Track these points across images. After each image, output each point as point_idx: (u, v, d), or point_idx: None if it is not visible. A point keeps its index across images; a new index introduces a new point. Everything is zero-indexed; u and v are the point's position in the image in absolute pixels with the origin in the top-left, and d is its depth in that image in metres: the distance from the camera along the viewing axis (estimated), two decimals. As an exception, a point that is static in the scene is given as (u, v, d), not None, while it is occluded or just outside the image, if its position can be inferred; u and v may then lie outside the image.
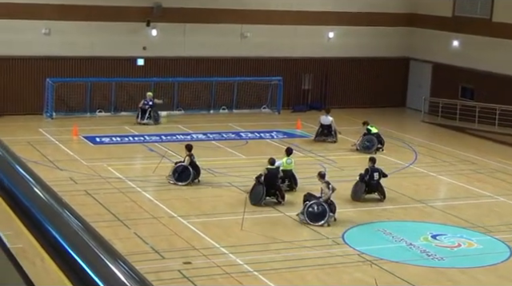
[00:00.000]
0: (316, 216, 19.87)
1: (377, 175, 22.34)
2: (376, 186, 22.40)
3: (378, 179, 22.40)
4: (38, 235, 1.77)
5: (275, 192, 21.68)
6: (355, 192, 22.33)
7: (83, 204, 19.87)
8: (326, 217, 19.82)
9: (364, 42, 37.67)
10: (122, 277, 1.54)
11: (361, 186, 22.29)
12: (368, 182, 22.27)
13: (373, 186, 22.35)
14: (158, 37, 34.39)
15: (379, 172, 22.48)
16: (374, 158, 23.24)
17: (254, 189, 21.68)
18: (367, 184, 22.28)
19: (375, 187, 22.38)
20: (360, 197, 22.22)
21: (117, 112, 33.45)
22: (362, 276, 16.58)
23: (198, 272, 16.30)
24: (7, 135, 26.32)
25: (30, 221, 1.84)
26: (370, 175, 22.28)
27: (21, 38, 32.15)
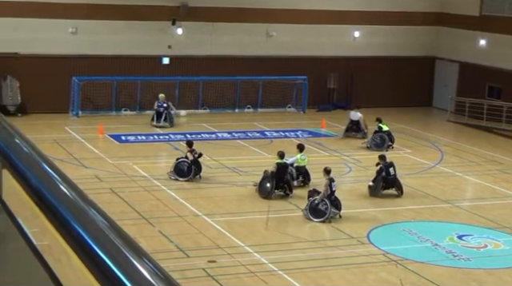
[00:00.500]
0: (319, 211, 19.96)
1: (392, 170, 22.48)
2: (393, 181, 22.55)
3: (394, 174, 22.51)
4: (64, 232, 1.77)
5: (283, 185, 21.94)
6: (373, 188, 22.44)
7: (108, 202, 19.97)
8: (327, 214, 19.85)
9: (390, 41, 37.51)
10: (147, 275, 1.53)
11: (378, 182, 22.42)
12: (385, 177, 22.41)
13: (390, 181, 22.49)
14: (184, 36, 34.49)
15: (393, 166, 22.60)
16: (384, 155, 23.42)
17: (263, 183, 21.92)
18: (384, 180, 22.41)
19: (392, 182, 22.53)
20: (378, 193, 22.34)
21: (142, 110, 33.58)
22: (387, 276, 16.51)
23: (222, 270, 16.31)
24: (34, 133, 26.52)
25: (55, 219, 1.84)
26: (385, 171, 22.40)
27: (48, 37, 32.39)
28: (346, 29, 36.88)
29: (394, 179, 22.53)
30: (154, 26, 33.84)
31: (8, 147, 2.49)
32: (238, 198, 21.92)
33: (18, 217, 2.51)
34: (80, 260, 1.67)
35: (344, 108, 36.61)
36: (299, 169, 22.98)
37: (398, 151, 28.60)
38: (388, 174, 22.43)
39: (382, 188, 22.45)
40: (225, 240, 18.15)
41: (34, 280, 2.34)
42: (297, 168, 22.89)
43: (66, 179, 2.03)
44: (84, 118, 32.27)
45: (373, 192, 22.38)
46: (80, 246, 1.68)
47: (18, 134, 2.54)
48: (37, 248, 2.19)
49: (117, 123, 31.61)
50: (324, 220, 19.83)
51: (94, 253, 1.62)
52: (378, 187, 22.41)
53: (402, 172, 25.13)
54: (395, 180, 22.58)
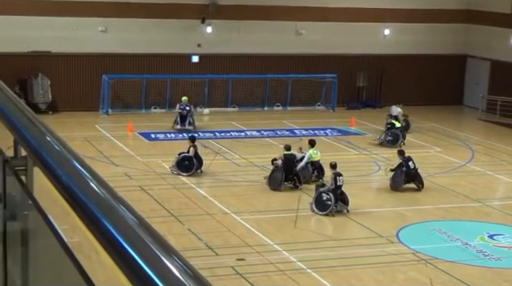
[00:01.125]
0: (323, 205, 20.16)
1: (412, 164, 22.72)
2: (414, 175, 22.76)
3: (414, 168, 22.69)
4: (94, 229, 1.78)
5: (293, 176, 22.35)
6: (395, 182, 22.67)
7: (138, 200, 20.08)
8: (330, 207, 20.02)
9: (420, 39, 37.27)
10: (176, 272, 1.53)
11: (400, 176, 22.63)
12: (406, 172, 22.63)
13: (411, 175, 22.71)
14: (213, 35, 34.55)
15: (412, 160, 22.83)
16: (402, 150, 23.71)
17: (272, 175, 22.35)
18: (406, 174, 22.62)
19: (413, 176, 22.75)
20: (399, 187, 22.57)
21: (172, 108, 33.67)
22: (417, 276, 16.42)
23: (251, 268, 16.33)
24: (64, 131, 26.73)
25: (86, 216, 1.85)
26: (406, 166, 22.65)
27: (78, 36, 32.64)
28: (375, 26, 36.70)
29: (415, 173, 22.75)
30: (183, 24, 33.95)
31: (39, 145, 2.51)
32: (267, 196, 21.92)
33: (48, 214, 2.53)
34: (110, 258, 1.67)
35: (373, 106, 36.47)
36: (313, 164, 23.19)
37: (428, 149, 28.44)
38: (408, 168, 22.66)
39: (404, 182, 22.65)
40: (253, 238, 18.17)
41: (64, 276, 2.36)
42: (311, 164, 23.11)
43: (97, 176, 2.04)
44: (114, 116, 32.46)
45: (394, 186, 22.64)
46: (110, 243, 1.69)
47: (49, 132, 2.56)
48: (67, 245, 2.21)
49: (146, 121, 31.76)
50: (327, 214, 20.03)
51: (123, 250, 1.63)
52: (400, 181, 22.63)
53: (432, 171, 25.01)
54: (416, 174, 22.79)
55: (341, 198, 20.34)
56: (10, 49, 31.71)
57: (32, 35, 31.95)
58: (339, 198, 20.29)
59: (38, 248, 2.85)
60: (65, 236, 2.39)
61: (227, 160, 25.50)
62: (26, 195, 2.80)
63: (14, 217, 2.99)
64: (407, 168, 22.67)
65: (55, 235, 2.32)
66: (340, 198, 20.32)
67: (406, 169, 22.63)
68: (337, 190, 20.31)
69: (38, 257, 2.86)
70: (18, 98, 3.27)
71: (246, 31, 34.79)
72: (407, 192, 22.73)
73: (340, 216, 20.20)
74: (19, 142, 2.85)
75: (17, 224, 3.00)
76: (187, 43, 34.11)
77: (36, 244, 2.89)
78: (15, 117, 2.90)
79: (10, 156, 3.04)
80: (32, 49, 32.22)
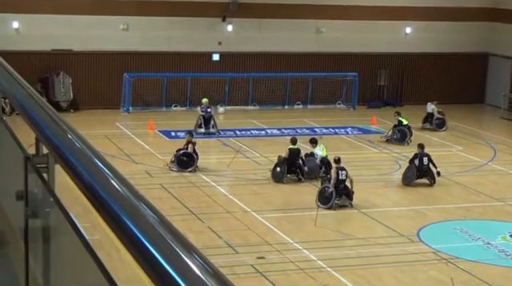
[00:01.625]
0: (326, 198, 20.46)
1: (426, 160, 22.89)
2: (426, 171, 22.90)
3: (428, 164, 22.88)
4: (115, 227, 1.78)
5: (296, 169, 22.90)
6: (406, 177, 22.90)
7: (158, 198, 20.13)
8: (331, 201, 20.25)
9: (442, 37, 37.05)
10: (196, 270, 1.54)
11: (412, 171, 22.83)
12: (419, 167, 22.77)
13: (423, 171, 22.85)
14: (234, 33, 34.56)
15: (428, 157, 22.99)
16: (423, 144, 23.77)
17: (276, 167, 22.93)
18: (418, 169, 22.76)
19: (425, 172, 22.90)
20: (411, 182, 22.74)
21: (192, 106, 33.74)
22: (438, 275, 16.34)
23: (271, 267, 16.33)
24: (85, 129, 26.85)
25: (106, 214, 1.86)
26: (419, 159, 22.84)
27: (99, 34, 32.77)
28: (397, 25, 36.55)
29: (426, 169, 22.89)
30: (204, 23, 33.98)
31: (60, 143, 2.52)
32: (287, 194, 21.90)
33: (70, 212, 2.54)
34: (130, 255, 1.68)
35: (394, 105, 36.32)
36: (321, 161, 23.31)
37: (449, 148, 28.29)
38: (422, 163, 22.82)
39: (416, 177, 22.81)
40: (273, 237, 18.16)
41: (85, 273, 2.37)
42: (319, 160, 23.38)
43: (118, 174, 2.05)
44: (134, 114, 32.56)
45: (406, 181, 22.89)
46: (130, 241, 1.69)
47: (70, 130, 2.57)
48: (88, 243, 2.22)
49: (167, 119, 31.82)
50: (329, 207, 20.26)
51: (144, 248, 1.63)
52: (412, 176, 22.83)
53: (453, 170, 24.88)
54: (428, 170, 22.93)
55: (344, 192, 20.60)
56: (32, 48, 31.90)
57: (54, 33, 32.11)
58: (343, 192, 20.54)
59: (59, 245, 2.87)
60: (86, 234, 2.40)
61: (247, 158, 25.50)
62: (48, 192, 2.82)
63: (36, 215, 3.00)
64: (420, 162, 22.82)
65: (76, 232, 2.33)
66: (343, 192, 20.58)
67: (418, 164, 22.80)
68: (339, 184, 20.50)
69: (59, 254, 2.87)
70: (39, 96, 3.29)
71: (267, 29, 34.76)
72: (428, 191, 22.62)
73: (361, 216, 20.14)
74: (41, 140, 2.87)
75: (38, 221, 3.02)
76: (208, 41, 34.13)
77: (57, 242, 2.90)
78: (37, 115, 2.92)
79: (31, 153, 3.06)
80: (54, 47, 32.39)
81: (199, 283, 1.50)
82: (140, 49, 33.39)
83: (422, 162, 22.86)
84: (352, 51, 35.94)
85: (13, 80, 3.71)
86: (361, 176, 23.79)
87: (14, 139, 3.58)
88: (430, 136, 29.56)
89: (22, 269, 3.24)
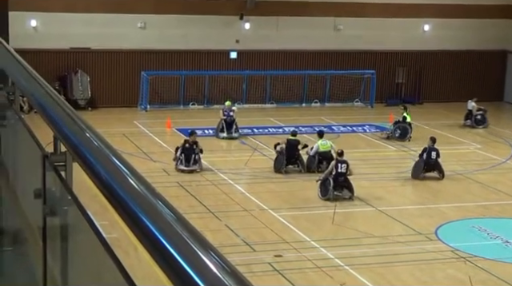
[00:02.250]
0: (326, 190, 20.80)
1: (434, 154, 23.15)
2: (434, 165, 23.14)
3: (436, 158, 23.12)
4: (132, 225, 1.78)
5: (295, 160, 23.53)
6: (414, 171, 23.17)
7: (176, 196, 20.17)
8: (328, 192, 20.60)
9: (460, 35, 36.89)
10: (214, 268, 1.53)
11: (419, 165, 23.14)
12: (426, 161, 23.05)
13: (430, 164, 23.11)
14: (251, 31, 34.57)
15: (437, 151, 23.23)
16: (435, 138, 23.99)
17: (276, 158, 23.54)
18: (425, 163, 23.05)
19: (433, 165, 23.14)
20: (419, 175, 22.97)
21: (210, 105, 33.81)
22: (456, 273, 16.27)
23: (288, 265, 16.32)
24: (103, 127, 26.95)
25: (124, 212, 1.86)
26: (427, 153, 23.13)
27: (117, 32, 32.89)
28: (415, 22, 36.42)
29: (434, 162, 23.12)
30: (221, 21, 34.02)
31: (78, 141, 2.53)
32: (304, 192, 21.88)
33: (87, 210, 2.55)
34: (148, 253, 1.68)
35: (412, 103, 36.19)
36: (323, 155, 23.34)
37: (467, 146, 28.17)
38: (429, 157, 23.09)
39: (424, 170, 23.07)
40: (291, 235, 18.15)
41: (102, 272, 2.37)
42: (320, 154, 23.40)
43: (135, 172, 2.05)
44: (152, 112, 32.65)
45: (414, 174, 23.08)
46: (148, 239, 1.69)
47: (88, 128, 2.58)
48: (106, 241, 2.22)
49: (184, 117, 31.89)
50: (328, 198, 20.60)
51: (161, 246, 1.63)
52: (420, 169, 23.06)
53: (471, 168, 24.77)
54: (436, 164, 23.14)
55: (345, 185, 20.85)
56: (50, 46, 32.07)
57: (72, 32, 32.26)
58: (343, 185, 20.82)
59: (77, 243, 2.88)
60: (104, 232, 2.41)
61: (265, 156, 25.49)
62: (66, 190, 2.83)
63: (54, 213, 3.01)
64: (428, 156, 23.09)
65: (94, 230, 2.34)
66: (344, 185, 20.84)
67: (426, 158, 23.07)
68: (338, 177, 20.73)
69: (77, 253, 2.88)
70: (57, 94, 3.30)
71: (284, 27, 34.74)
72: (446, 189, 22.54)
73: (379, 214, 20.08)
74: (59, 138, 2.88)
75: (56, 219, 3.03)
76: (225, 39, 34.17)
77: (75, 240, 2.91)
78: (55, 114, 2.93)
79: (49, 151, 3.07)
80: (72, 45, 32.54)
81: (217, 281, 1.50)
82: (157, 48, 33.47)
83: (429, 156, 23.14)
84: (370, 49, 35.85)
85: (31, 78, 3.72)
86: (378, 175, 23.75)
87: (32, 137, 3.59)
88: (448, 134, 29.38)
89: (39, 267, 3.26)
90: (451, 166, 24.96)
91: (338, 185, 20.79)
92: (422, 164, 23.11)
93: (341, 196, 20.78)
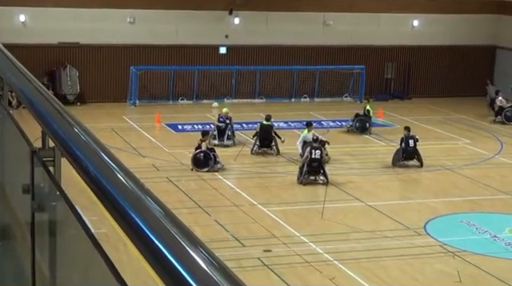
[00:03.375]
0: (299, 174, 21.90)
1: (412, 142, 23.96)
2: (412, 152, 23.92)
3: (414, 146, 23.90)
4: (121, 220, 1.78)
5: (268, 143, 24.99)
6: (394, 159, 23.88)
7: (165, 191, 20.15)
8: (301, 176, 21.66)
9: (449, 30, 36.97)
10: (202, 263, 1.54)
11: (398, 153, 23.89)
12: (405, 149, 23.87)
13: (409, 152, 23.89)
14: (241, 26, 34.54)
15: (414, 139, 24.06)
16: (409, 127, 24.81)
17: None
18: (404, 151, 23.84)
19: (412, 153, 23.92)
20: (397, 164, 23.74)
21: (199, 100, 33.78)
22: (444, 268, 16.33)
23: (277, 260, 16.34)
24: (92, 122, 26.89)
25: (112, 207, 1.86)
26: (405, 142, 23.93)
27: (106, 27, 32.79)
28: (404, 17, 36.47)
29: (412, 150, 23.89)
30: (210, 16, 33.97)
31: (67, 136, 2.53)
32: (294, 188, 21.90)
33: (76, 205, 2.54)
34: (136, 249, 1.68)
35: (401, 98, 36.29)
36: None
37: (456, 141, 28.24)
38: (408, 145, 23.86)
39: (403, 158, 23.86)
40: (280, 230, 18.17)
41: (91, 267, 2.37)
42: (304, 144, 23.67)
43: (123, 168, 2.05)
44: (141, 107, 32.60)
45: (393, 162, 23.87)
46: (136, 234, 1.69)
47: (76, 123, 2.57)
48: (94, 237, 2.22)
49: (174, 112, 31.85)
50: (300, 182, 21.71)
51: (149, 242, 1.63)
52: (398, 157, 23.83)
53: (460, 163, 24.86)
54: (414, 152, 23.92)
55: (319, 171, 21.73)
56: (39, 41, 31.95)
57: (60, 27, 32.15)
58: (317, 170, 21.69)
59: (65, 238, 2.87)
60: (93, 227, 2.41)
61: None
62: (54, 186, 2.82)
63: (42, 208, 3.01)
64: (406, 145, 23.84)
65: (82, 226, 2.33)
66: (318, 171, 21.72)
67: (404, 146, 23.82)
68: (312, 162, 21.55)
69: (65, 248, 2.88)
70: (46, 89, 3.29)
71: (274, 22, 34.72)
72: (435, 184, 22.61)
73: (368, 209, 20.13)
74: (47, 133, 2.87)
75: (45, 214, 3.02)
76: (215, 34, 34.12)
77: (63, 235, 2.91)
78: (43, 109, 2.92)
79: (38, 147, 3.06)
80: (60, 40, 32.43)
81: (205, 276, 1.50)
82: (147, 43, 33.40)
83: (407, 144, 23.88)
84: (359, 44, 35.88)
85: (19, 73, 3.71)
86: (368, 169, 23.81)
87: (20, 132, 3.58)
88: (437, 129, 29.44)
89: (28, 263, 3.25)
90: (440, 161, 25.05)
91: (312, 171, 21.60)
92: (401, 152, 23.86)
93: (314, 181, 21.63)
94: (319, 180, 21.80)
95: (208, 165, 22.90)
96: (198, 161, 23.05)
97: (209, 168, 22.87)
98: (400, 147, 24.13)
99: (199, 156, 23.09)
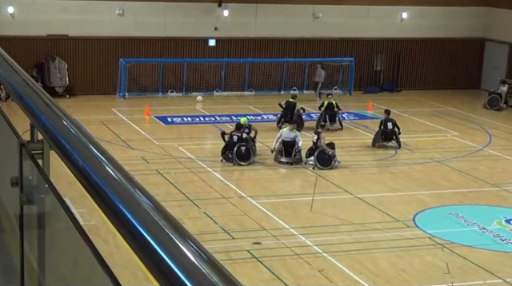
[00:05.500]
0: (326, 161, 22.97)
1: (390, 125, 25.42)
2: (390, 134, 25.31)
3: (392, 128, 25.34)
4: (110, 213, 1.78)
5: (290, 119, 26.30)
6: (373, 140, 25.46)
7: (154, 184, 20.14)
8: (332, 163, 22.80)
9: (438, 23, 37.02)
10: (191, 256, 1.54)
11: (377, 135, 25.40)
12: (383, 131, 25.31)
13: (388, 134, 25.27)
14: (230, 18, 34.48)
15: (392, 122, 25.44)
16: (389, 110, 26.49)
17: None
18: (383, 133, 25.33)
19: (390, 135, 25.31)
20: (376, 144, 25.29)
21: (188, 92, 33.74)
22: (433, 260, 16.40)
23: (267, 252, 16.37)
24: (81, 114, 26.84)
25: (101, 200, 1.86)
26: (384, 125, 25.40)
27: (95, 19, 32.67)
28: (393, 10, 36.49)
29: (391, 132, 25.29)
30: (200, 8, 33.89)
31: (55, 129, 2.52)
32: (283, 180, 21.93)
33: (65, 198, 2.54)
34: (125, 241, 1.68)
35: (391, 90, 36.34)
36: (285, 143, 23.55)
37: (445, 133, 28.33)
38: (386, 127, 25.33)
39: (382, 140, 25.35)
40: (270, 222, 18.20)
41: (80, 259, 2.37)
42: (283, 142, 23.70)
43: (112, 160, 2.04)
44: (130, 100, 32.53)
45: (372, 142, 25.44)
46: (125, 227, 1.69)
47: (65, 116, 2.57)
48: (83, 229, 2.22)
49: (163, 104, 31.81)
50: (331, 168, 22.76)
51: (138, 234, 1.63)
52: (377, 138, 25.36)
53: (449, 156, 24.94)
54: (392, 134, 25.31)
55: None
56: (28, 33, 31.81)
57: (49, 18, 32.01)
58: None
59: (54, 231, 2.87)
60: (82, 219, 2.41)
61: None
62: (43, 179, 2.82)
63: (31, 201, 3.00)
64: (385, 127, 25.31)
65: (71, 218, 2.33)
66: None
67: (383, 128, 25.26)
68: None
69: (54, 240, 2.88)
70: (35, 82, 3.28)
71: (263, 15, 34.68)
72: (423, 177, 22.68)
73: (358, 201, 20.18)
74: (36, 126, 2.86)
75: (33, 207, 3.02)
76: (204, 27, 34.06)
77: (52, 228, 2.90)
78: (32, 101, 2.91)
79: (26, 140, 3.05)
80: (49, 32, 32.29)
81: (194, 269, 1.50)
82: (136, 35, 33.31)
83: (386, 127, 25.35)
84: (348, 36, 35.89)
85: (7, 65, 3.70)
86: (357, 162, 23.86)
87: (8, 125, 3.57)
88: (424, 121, 29.51)
89: (17, 255, 3.25)
90: (429, 153, 25.14)
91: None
92: (380, 134, 25.32)
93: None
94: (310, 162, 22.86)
95: (249, 158, 22.95)
96: (238, 154, 22.95)
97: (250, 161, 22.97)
98: (379, 129, 25.44)
99: (240, 150, 22.99)
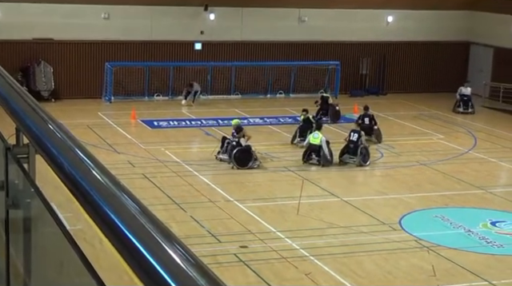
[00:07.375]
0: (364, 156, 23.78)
1: (367, 120, 26.57)
2: (368, 129, 25.85)
3: (369, 123, 26.38)
4: (96, 217, 1.78)
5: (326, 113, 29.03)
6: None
7: (141, 188, 20.10)
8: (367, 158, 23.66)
9: (423, 26, 37.17)
10: (178, 260, 1.54)
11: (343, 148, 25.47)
12: (361, 126, 25.63)
13: (364, 129, 25.39)
14: (216, 22, 34.48)
15: (370, 117, 26.64)
16: (367, 106, 27.46)
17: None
18: (361, 128, 25.26)
19: (367, 129, 25.67)
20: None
21: (174, 96, 33.70)
22: (419, 262, 16.44)
23: (254, 256, 16.36)
24: (67, 118, 26.75)
25: (87, 204, 1.86)
26: (362, 120, 26.50)
27: (80, 23, 32.59)
28: (379, 13, 36.61)
29: (367, 127, 26.03)
30: (186, 12, 33.88)
31: (41, 133, 2.51)
32: (270, 184, 21.93)
33: (51, 202, 2.53)
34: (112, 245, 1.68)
35: (376, 93, 36.44)
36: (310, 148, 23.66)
37: (430, 136, 28.42)
38: (363, 122, 26.26)
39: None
40: (256, 226, 18.19)
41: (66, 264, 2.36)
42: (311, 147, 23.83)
43: (98, 164, 2.04)
44: (116, 104, 32.46)
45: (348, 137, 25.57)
46: (111, 231, 1.69)
47: (51, 120, 2.56)
48: (69, 233, 2.21)
49: (149, 108, 31.76)
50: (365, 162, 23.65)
51: (125, 238, 1.63)
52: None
53: (435, 158, 25.02)
54: (370, 128, 26.16)
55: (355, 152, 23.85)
56: (13, 37, 31.69)
57: (35, 22, 31.91)
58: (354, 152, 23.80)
59: (40, 235, 2.86)
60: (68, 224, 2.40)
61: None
62: (29, 183, 2.81)
63: (17, 205, 2.99)
64: (362, 122, 26.20)
65: (57, 223, 2.33)
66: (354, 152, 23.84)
67: (360, 122, 25.97)
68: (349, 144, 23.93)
69: (40, 245, 2.87)
70: (20, 86, 3.26)
71: (249, 18, 34.71)
72: (409, 180, 22.75)
73: (344, 204, 20.22)
74: (21, 130, 2.85)
75: (19, 211, 3.00)
76: (190, 30, 34.05)
77: (38, 232, 2.89)
78: (17, 105, 2.90)
79: (12, 144, 3.04)
80: (35, 36, 32.18)
81: (181, 272, 1.50)
82: (121, 39, 33.25)
83: (363, 121, 26.36)
84: (334, 40, 35.98)
85: (-8, 69, 3.68)
86: (343, 165, 23.88)
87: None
88: (412, 124, 29.59)
89: (2, 260, 3.23)
90: (415, 156, 25.22)
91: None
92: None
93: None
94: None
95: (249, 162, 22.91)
96: (238, 159, 22.91)
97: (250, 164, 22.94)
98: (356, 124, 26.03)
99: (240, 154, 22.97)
